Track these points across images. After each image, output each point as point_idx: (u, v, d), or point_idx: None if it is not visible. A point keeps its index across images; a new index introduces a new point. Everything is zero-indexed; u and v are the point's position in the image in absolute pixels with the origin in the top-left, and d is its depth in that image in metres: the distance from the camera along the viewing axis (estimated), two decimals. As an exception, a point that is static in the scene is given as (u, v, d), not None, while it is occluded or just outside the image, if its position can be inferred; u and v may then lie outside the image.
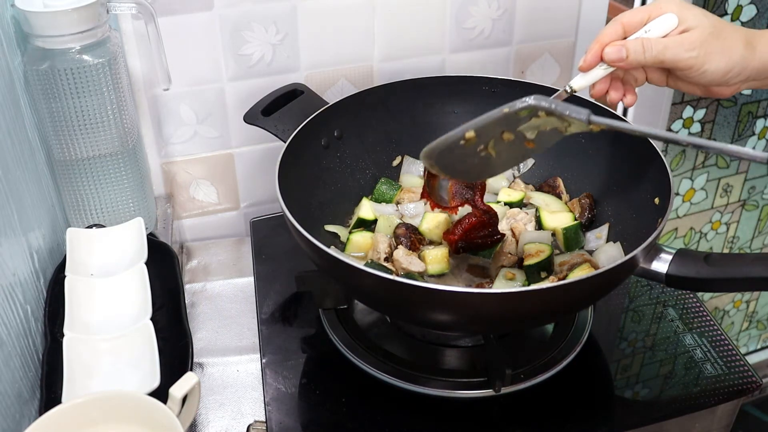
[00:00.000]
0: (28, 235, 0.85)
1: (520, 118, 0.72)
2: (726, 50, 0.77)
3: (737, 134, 1.56)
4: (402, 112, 1.06)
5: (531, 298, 0.73)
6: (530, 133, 0.74)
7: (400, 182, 1.06)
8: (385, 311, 0.91)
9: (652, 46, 0.77)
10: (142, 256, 0.90)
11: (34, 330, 0.83)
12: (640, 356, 0.91)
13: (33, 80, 0.87)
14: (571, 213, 0.99)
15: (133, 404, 0.69)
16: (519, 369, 0.85)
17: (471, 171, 0.82)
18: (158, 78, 0.99)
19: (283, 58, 1.09)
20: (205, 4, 1.02)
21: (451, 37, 1.15)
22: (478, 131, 0.75)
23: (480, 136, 0.75)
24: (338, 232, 0.98)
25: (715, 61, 0.77)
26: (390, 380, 0.85)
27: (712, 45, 0.76)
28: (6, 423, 0.72)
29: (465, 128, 0.75)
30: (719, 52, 0.77)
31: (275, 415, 0.82)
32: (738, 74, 0.78)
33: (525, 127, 0.73)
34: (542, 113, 0.71)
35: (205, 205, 1.19)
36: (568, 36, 1.21)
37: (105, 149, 0.93)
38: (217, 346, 0.96)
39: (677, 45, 0.77)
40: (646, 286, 1.01)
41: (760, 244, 1.81)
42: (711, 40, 0.77)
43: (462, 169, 0.82)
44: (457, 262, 0.94)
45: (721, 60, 0.77)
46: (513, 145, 0.76)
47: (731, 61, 0.77)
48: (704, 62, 0.77)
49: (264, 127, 0.96)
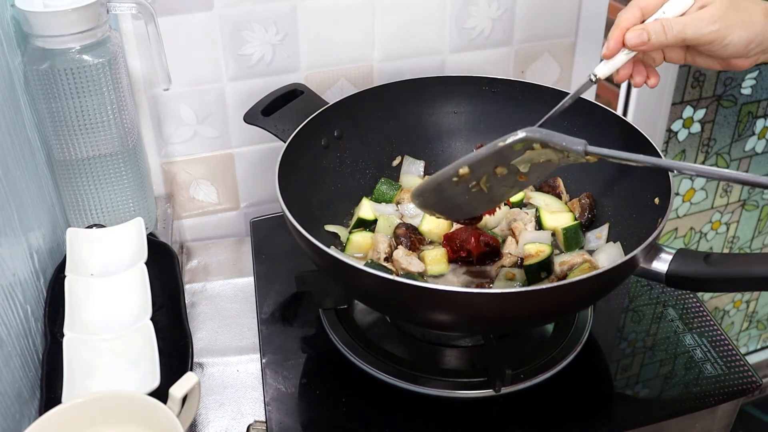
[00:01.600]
0: (28, 235, 0.85)
1: (515, 152, 0.72)
2: (746, 21, 0.77)
3: (737, 134, 1.56)
4: (402, 112, 1.06)
5: (531, 298, 0.73)
6: (523, 167, 0.74)
7: (400, 182, 1.06)
8: (385, 311, 0.91)
9: (672, 25, 0.77)
10: (142, 256, 0.90)
11: (34, 330, 0.83)
12: (640, 356, 0.91)
13: (33, 80, 0.87)
14: (571, 213, 0.99)
15: (133, 404, 0.69)
16: (519, 369, 0.85)
17: (461, 209, 0.83)
18: (158, 78, 0.99)
19: (283, 58, 1.09)
20: (205, 4, 1.02)
21: (451, 37, 1.15)
22: (471, 167, 0.75)
23: (473, 172, 0.75)
24: (338, 232, 0.98)
25: (736, 33, 0.77)
26: (390, 380, 0.85)
27: (731, 17, 0.76)
28: (6, 423, 0.72)
29: (458, 164, 0.75)
30: (739, 23, 0.77)
31: (275, 415, 0.82)
32: (759, 45, 0.78)
33: (519, 161, 0.73)
34: (537, 145, 0.70)
35: (205, 205, 1.19)
36: (568, 36, 1.21)
37: (105, 149, 0.93)
38: (217, 346, 0.96)
39: (697, 21, 0.77)
40: (646, 286, 1.01)
41: (760, 244, 1.81)
42: (730, 13, 0.77)
43: (451, 207, 0.82)
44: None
45: (742, 31, 0.77)
46: (505, 179, 0.76)
47: (753, 31, 0.77)
48: (726, 35, 0.77)
49: (264, 127, 0.96)
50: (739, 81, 1.49)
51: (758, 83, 1.51)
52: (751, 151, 1.60)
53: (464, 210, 0.83)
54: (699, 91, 1.46)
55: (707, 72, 1.44)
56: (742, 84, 1.49)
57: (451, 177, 0.76)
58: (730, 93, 1.49)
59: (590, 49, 1.23)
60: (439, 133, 1.08)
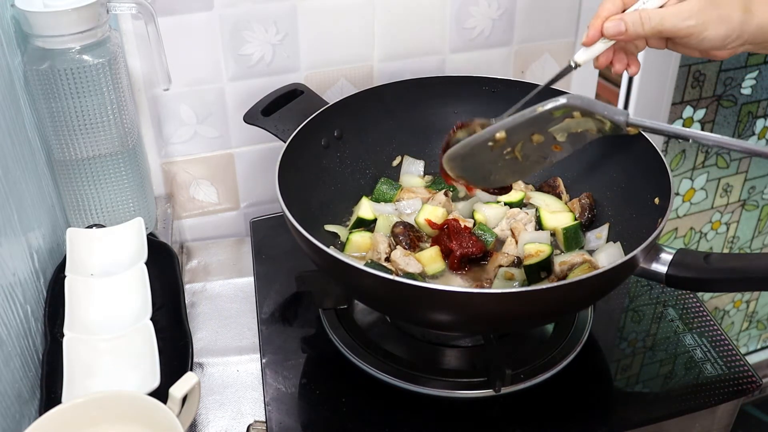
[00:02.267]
0: (28, 235, 0.85)
1: (553, 119, 0.71)
2: (724, 17, 0.77)
3: (737, 134, 1.56)
4: (402, 112, 1.06)
5: (531, 298, 0.73)
6: (560, 135, 0.73)
7: (400, 182, 1.06)
8: (385, 311, 0.91)
9: (650, 17, 0.77)
10: (142, 256, 0.90)
11: (34, 330, 0.83)
12: (640, 356, 0.91)
13: (33, 80, 0.87)
14: (571, 213, 0.99)
15: (133, 404, 0.69)
16: (519, 369, 0.85)
17: (492, 176, 0.81)
18: (158, 78, 0.99)
19: (283, 58, 1.09)
20: (205, 4, 1.02)
21: (451, 37, 1.15)
22: (508, 131, 0.73)
23: (510, 137, 0.74)
24: (338, 232, 0.98)
25: (713, 29, 0.77)
26: (390, 380, 0.85)
27: (709, 13, 0.76)
28: (6, 423, 0.72)
29: (495, 128, 0.74)
30: (717, 19, 0.77)
31: (275, 415, 0.82)
32: (736, 39, 0.78)
33: (556, 129, 0.72)
34: (577, 114, 0.69)
35: (205, 205, 1.19)
36: (568, 36, 1.21)
37: (105, 149, 0.93)
38: (217, 346, 0.96)
39: (675, 15, 0.77)
40: (646, 286, 1.01)
41: (760, 244, 1.81)
42: (708, 9, 0.77)
43: (483, 175, 0.81)
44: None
45: (719, 27, 0.77)
46: (541, 148, 0.75)
47: (729, 27, 0.77)
48: (702, 30, 0.77)
49: (264, 127, 0.96)
50: (739, 81, 1.49)
51: (758, 83, 1.51)
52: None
53: (495, 178, 0.82)
54: (699, 91, 1.46)
55: (707, 72, 1.44)
56: (742, 84, 1.49)
57: (487, 141, 0.75)
58: (730, 93, 1.49)
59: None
60: (439, 133, 1.08)
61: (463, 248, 0.91)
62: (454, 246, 0.91)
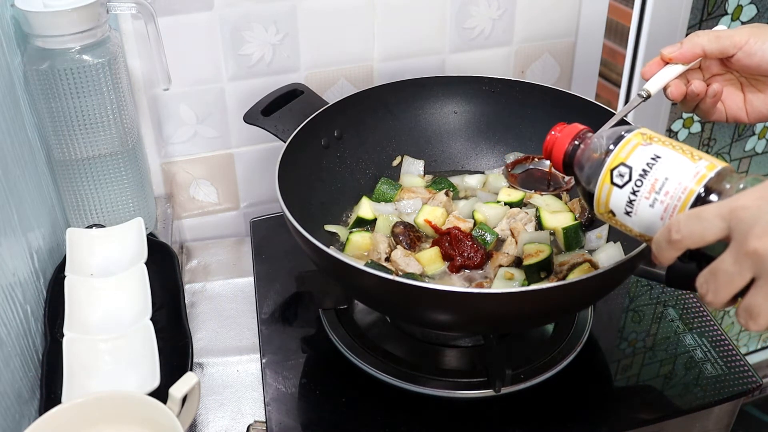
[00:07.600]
0: (28, 235, 0.85)
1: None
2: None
3: (737, 134, 1.56)
4: (402, 112, 1.06)
5: (531, 298, 0.73)
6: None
7: (400, 182, 1.06)
8: (385, 311, 0.91)
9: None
10: (142, 256, 0.90)
11: (34, 330, 0.83)
12: (640, 356, 0.91)
13: (33, 80, 0.87)
14: (571, 213, 0.99)
15: (133, 404, 0.69)
16: (519, 369, 0.85)
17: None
18: (158, 78, 0.99)
19: (283, 58, 1.09)
20: (205, 4, 1.02)
21: (451, 37, 1.15)
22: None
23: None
24: (338, 232, 0.98)
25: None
26: (390, 380, 0.85)
27: (761, 31, 0.77)
28: (6, 423, 0.72)
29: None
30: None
31: (275, 415, 0.82)
32: None
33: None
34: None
35: (205, 205, 1.19)
36: (568, 36, 1.21)
37: (105, 149, 0.93)
38: (217, 346, 0.96)
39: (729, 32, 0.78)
40: (646, 286, 1.01)
41: (760, 244, 1.80)
42: (757, 30, 0.77)
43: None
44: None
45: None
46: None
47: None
48: (758, 40, 0.77)
49: (264, 127, 0.96)
50: (739, 81, 1.48)
51: (758, 83, 1.50)
52: (751, 151, 1.60)
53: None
54: (699, 91, 1.45)
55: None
56: (742, 84, 1.49)
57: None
58: (730, 93, 1.49)
59: (590, 49, 1.23)
60: (439, 133, 1.08)
61: (464, 259, 0.91)
62: (456, 256, 0.92)
